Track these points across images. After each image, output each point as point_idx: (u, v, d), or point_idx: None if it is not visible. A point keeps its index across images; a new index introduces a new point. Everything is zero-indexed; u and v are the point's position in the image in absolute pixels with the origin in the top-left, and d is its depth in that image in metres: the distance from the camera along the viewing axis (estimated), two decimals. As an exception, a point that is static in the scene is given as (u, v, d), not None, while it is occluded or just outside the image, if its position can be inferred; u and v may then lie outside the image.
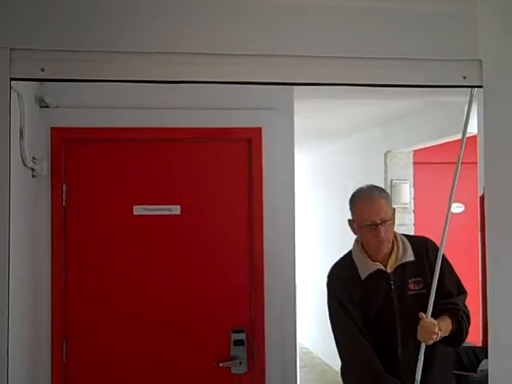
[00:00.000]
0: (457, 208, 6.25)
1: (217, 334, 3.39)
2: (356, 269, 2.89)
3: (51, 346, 3.24)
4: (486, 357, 3.46)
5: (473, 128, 4.63)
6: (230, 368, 3.36)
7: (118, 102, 3.29)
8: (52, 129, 3.26)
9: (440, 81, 2.36)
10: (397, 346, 2.79)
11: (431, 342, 2.68)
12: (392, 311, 2.81)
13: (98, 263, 3.34)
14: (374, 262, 2.86)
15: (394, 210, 2.90)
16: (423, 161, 6.00)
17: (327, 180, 7.94)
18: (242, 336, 3.39)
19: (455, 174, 2.89)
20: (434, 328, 2.67)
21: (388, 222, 2.81)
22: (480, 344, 3.74)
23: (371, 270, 2.85)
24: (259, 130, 3.44)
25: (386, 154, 5.94)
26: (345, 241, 3.13)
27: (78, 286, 3.31)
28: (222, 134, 3.42)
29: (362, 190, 2.92)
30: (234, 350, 3.38)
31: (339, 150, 7.40)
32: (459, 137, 4.95)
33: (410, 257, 2.86)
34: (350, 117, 5.67)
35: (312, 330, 7.75)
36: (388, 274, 2.84)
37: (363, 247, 2.91)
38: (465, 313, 2.82)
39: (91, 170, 3.35)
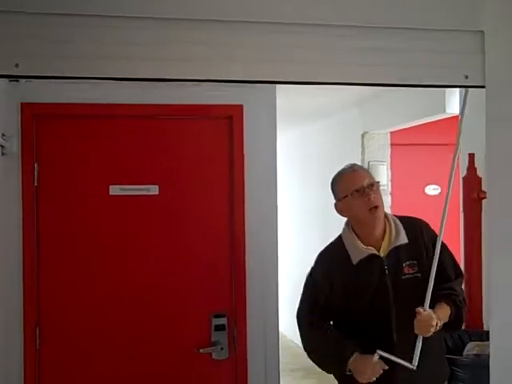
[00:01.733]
0: (433, 190, 6.23)
1: (197, 319, 3.27)
2: (347, 254, 2.77)
3: (23, 332, 3.09)
4: (471, 340, 3.46)
5: (453, 109, 4.61)
6: (210, 354, 3.25)
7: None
8: (22, 104, 3.08)
9: (440, 80, 2.27)
10: (392, 332, 2.69)
11: (430, 334, 2.58)
12: (386, 296, 2.70)
13: (72, 246, 3.18)
14: (367, 246, 2.74)
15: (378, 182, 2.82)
16: (400, 142, 5.94)
17: (303, 161, 7.85)
18: (223, 321, 3.27)
19: (453, 161, 2.79)
20: (432, 321, 2.56)
21: (375, 186, 2.73)
22: (464, 327, 3.71)
23: (364, 255, 2.73)
24: (240, 107, 3.31)
25: (363, 135, 5.86)
26: (320, 222, 3.07)
27: (52, 269, 3.16)
28: (201, 111, 3.28)
29: (342, 168, 2.87)
30: (215, 336, 3.26)
31: (316, 131, 7.31)
32: (438, 117, 4.94)
33: (403, 239, 2.75)
34: (328, 97, 5.56)
35: (285, 314, 7.69)
36: (381, 258, 2.73)
37: (354, 231, 2.79)
38: (463, 298, 2.75)
39: (64, 148, 3.18)
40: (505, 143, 2.30)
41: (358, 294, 2.73)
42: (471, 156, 3.72)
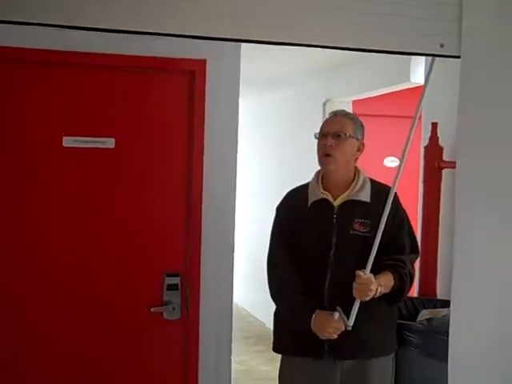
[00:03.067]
0: (391, 162, 6.23)
1: (149, 278, 3.18)
2: (307, 195, 2.81)
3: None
4: (424, 307, 3.47)
5: (418, 78, 4.58)
6: (162, 313, 3.17)
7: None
8: (-30, 45, 2.90)
9: (414, 47, 2.19)
10: (324, 283, 2.70)
11: (367, 298, 2.56)
12: (328, 247, 2.71)
13: (21, 198, 3.04)
14: (325, 191, 2.77)
15: (362, 143, 2.82)
16: (362, 112, 5.87)
17: (263, 129, 7.77)
18: (175, 280, 3.20)
19: (410, 132, 2.76)
20: (371, 285, 2.54)
21: (342, 137, 2.73)
22: (416, 295, 3.73)
23: (316, 198, 2.78)
24: (203, 62, 3.19)
25: (324, 103, 5.81)
26: (277, 190, 3.04)
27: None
28: (163, 64, 3.15)
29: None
30: (167, 295, 3.18)
31: (277, 100, 7.22)
32: (402, 87, 4.91)
33: (364, 197, 2.75)
34: (290, 64, 5.48)
35: (239, 282, 7.67)
36: (333, 206, 2.75)
37: (322, 176, 2.83)
38: (410, 272, 2.73)
39: (17, 94, 3.02)
40: (477, 114, 2.24)
41: (305, 237, 2.76)
42: (434, 125, 3.69)
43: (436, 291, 3.74)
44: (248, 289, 7.54)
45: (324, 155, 2.75)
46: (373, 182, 2.84)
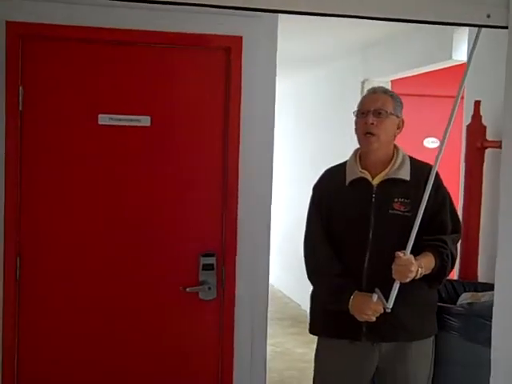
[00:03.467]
0: (431, 143, 6.10)
1: (185, 258, 3.15)
2: (345, 174, 2.74)
3: (4, 262, 2.96)
4: (465, 290, 3.39)
5: (460, 56, 4.44)
6: (197, 293, 3.14)
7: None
8: (7, 23, 2.87)
9: (460, 18, 2.10)
10: (363, 264, 2.64)
11: (407, 280, 2.50)
12: (367, 227, 2.65)
13: (57, 175, 3.03)
14: (364, 170, 2.70)
15: (402, 120, 2.74)
16: (401, 92, 5.76)
17: (299, 110, 7.69)
18: (211, 260, 3.16)
19: (452, 111, 2.67)
20: (411, 266, 2.47)
21: (383, 114, 2.64)
22: (457, 278, 3.64)
23: (354, 176, 2.70)
24: (239, 38, 3.13)
25: (363, 83, 5.69)
26: (316, 172, 2.98)
27: (35, 199, 3.01)
28: (198, 40, 3.10)
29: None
30: (203, 275, 3.15)
31: (315, 79, 7.12)
32: (444, 65, 4.78)
33: (404, 175, 2.67)
34: (328, 43, 5.38)
35: (274, 263, 7.65)
36: (372, 184, 2.68)
37: (360, 154, 2.76)
38: (452, 253, 2.64)
39: (52, 71, 3.00)
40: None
41: (343, 216, 2.70)
42: (477, 103, 3.58)
43: (477, 274, 3.65)
44: (283, 270, 7.52)
45: (365, 134, 2.67)
46: (412, 159, 2.77)
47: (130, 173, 3.10)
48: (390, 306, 2.50)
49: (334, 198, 2.74)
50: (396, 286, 2.50)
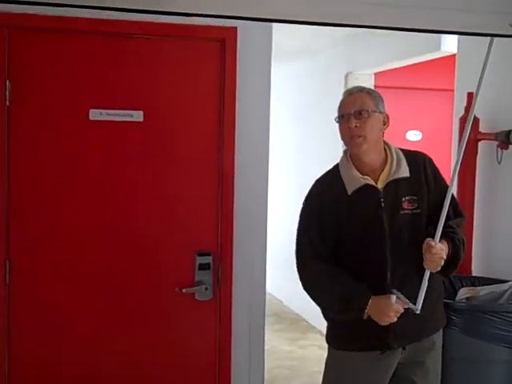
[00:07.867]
0: (414, 136, 6.09)
1: (180, 257, 3.05)
2: (342, 183, 2.59)
3: (-8, 266, 2.83)
4: (462, 285, 3.36)
5: (449, 46, 4.41)
6: (193, 294, 3.05)
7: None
8: (-8, 13, 2.74)
9: (482, 28, 2.05)
10: (386, 270, 2.52)
11: (438, 268, 2.44)
12: (381, 232, 2.53)
13: (47, 174, 2.91)
14: (364, 175, 2.56)
15: (385, 115, 2.60)
16: (384, 85, 5.73)
17: (289, 100, 7.60)
18: (207, 259, 3.06)
19: (467, 124, 2.62)
20: (443, 254, 2.42)
21: (364, 114, 2.50)
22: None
23: (359, 185, 2.55)
24: (234, 29, 3.03)
25: (346, 76, 5.64)
26: (297, 171, 2.89)
27: (24, 200, 2.88)
28: (191, 31, 2.98)
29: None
30: (199, 275, 3.06)
31: (298, 71, 7.02)
32: (431, 56, 4.74)
33: (404, 172, 2.57)
34: (312, 35, 5.30)
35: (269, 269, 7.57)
36: (378, 189, 2.55)
37: (351, 158, 2.61)
38: (461, 237, 2.59)
39: (41, 64, 2.87)
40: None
41: (352, 228, 2.56)
42: (470, 95, 3.54)
43: (471, 268, 3.63)
44: (280, 277, 7.44)
45: (351, 138, 2.53)
46: (403, 151, 2.66)
47: (122, 171, 2.98)
48: (419, 308, 2.43)
49: (337, 209, 2.57)
50: (424, 288, 2.44)
